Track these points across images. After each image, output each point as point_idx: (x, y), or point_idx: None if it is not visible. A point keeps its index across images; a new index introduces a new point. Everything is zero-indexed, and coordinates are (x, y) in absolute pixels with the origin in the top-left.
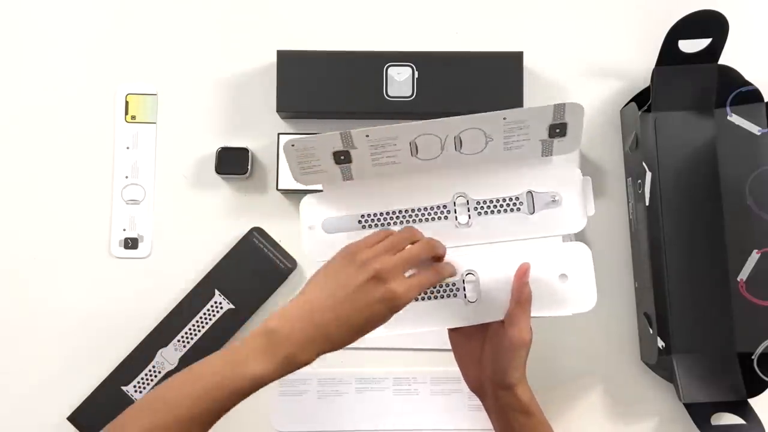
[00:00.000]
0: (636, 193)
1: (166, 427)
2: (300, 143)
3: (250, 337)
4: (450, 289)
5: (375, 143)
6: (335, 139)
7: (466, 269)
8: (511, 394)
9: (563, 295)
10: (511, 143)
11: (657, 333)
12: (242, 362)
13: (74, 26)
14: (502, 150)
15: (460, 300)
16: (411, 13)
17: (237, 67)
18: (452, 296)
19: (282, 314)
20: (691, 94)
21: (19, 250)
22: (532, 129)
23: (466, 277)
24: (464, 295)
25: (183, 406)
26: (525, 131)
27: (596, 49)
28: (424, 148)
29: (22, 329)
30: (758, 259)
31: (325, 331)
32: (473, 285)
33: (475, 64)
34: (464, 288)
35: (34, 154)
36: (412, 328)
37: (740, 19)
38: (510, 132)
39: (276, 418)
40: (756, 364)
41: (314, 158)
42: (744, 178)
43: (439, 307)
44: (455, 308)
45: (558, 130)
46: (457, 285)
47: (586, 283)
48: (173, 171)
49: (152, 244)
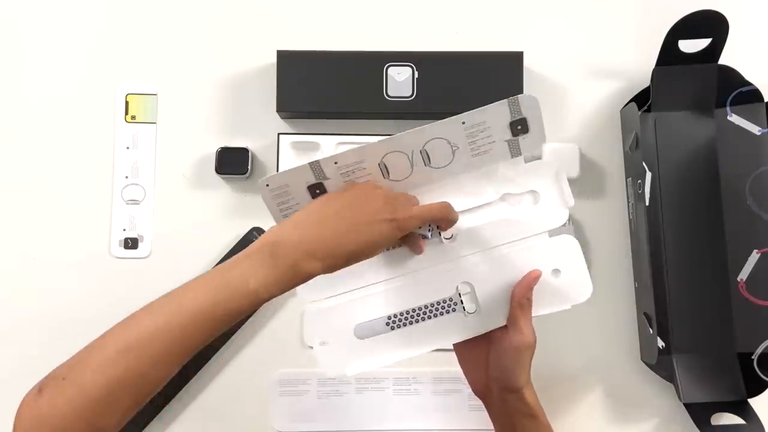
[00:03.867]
0: (636, 193)
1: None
2: (274, 181)
3: (244, 255)
4: (448, 304)
5: (345, 170)
6: (306, 171)
7: (459, 281)
8: (518, 398)
9: (559, 290)
10: (477, 148)
11: (657, 333)
12: (240, 283)
13: (74, 26)
14: (470, 157)
15: (460, 313)
16: (411, 13)
17: (237, 67)
18: (452, 311)
19: (281, 227)
20: (691, 94)
21: (19, 250)
22: (494, 130)
23: (462, 289)
24: (462, 307)
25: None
26: (488, 133)
27: (596, 49)
28: (393, 167)
29: (23, 329)
30: (758, 259)
31: (330, 241)
32: (470, 296)
33: (475, 64)
34: (461, 301)
35: (35, 154)
36: (417, 350)
37: (740, 19)
38: (473, 137)
39: (276, 418)
40: (756, 364)
41: (290, 195)
42: (744, 178)
43: (441, 324)
44: (457, 322)
45: (519, 126)
46: (453, 299)
47: (579, 274)
48: (173, 171)
49: (152, 244)
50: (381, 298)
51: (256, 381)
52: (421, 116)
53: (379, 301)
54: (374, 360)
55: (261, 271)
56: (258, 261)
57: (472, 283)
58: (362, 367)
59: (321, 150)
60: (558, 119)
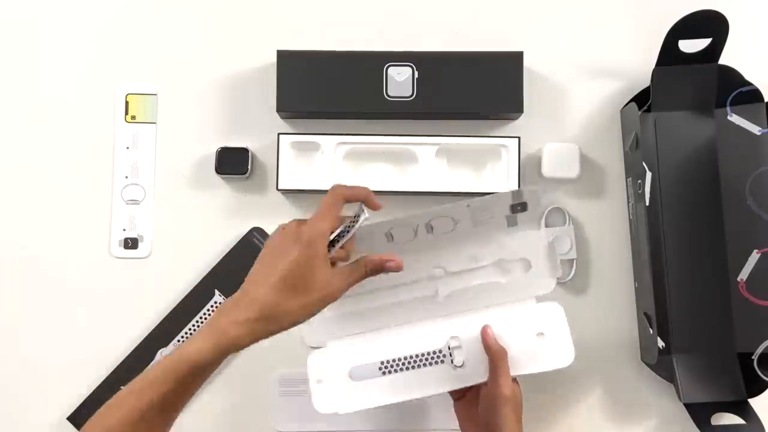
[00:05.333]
0: (636, 193)
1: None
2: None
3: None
4: (438, 356)
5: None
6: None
7: (450, 335)
8: None
9: (542, 353)
10: (478, 222)
11: (657, 333)
12: (187, 355)
13: (74, 26)
14: (471, 227)
15: (449, 365)
16: (411, 13)
17: (237, 67)
18: (440, 362)
19: (223, 304)
20: (691, 94)
21: (20, 250)
22: (495, 210)
23: (452, 343)
24: (451, 360)
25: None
26: (489, 212)
27: (596, 49)
28: (398, 236)
29: (23, 329)
30: (758, 259)
31: (255, 297)
32: (459, 350)
33: (475, 64)
34: (450, 354)
35: (35, 154)
36: (406, 396)
37: (740, 19)
38: (475, 214)
39: (276, 417)
40: (756, 364)
41: None
42: (744, 178)
43: (430, 374)
44: (445, 374)
45: (519, 207)
46: (443, 352)
47: (562, 340)
48: (173, 171)
49: (152, 244)
50: (377, 344)
51: (257, 381)
52: (421, 116)
53: (375, 347)
54: (365, 401)
55: (197, 342)
56: (199, 334)
57: (461, 338)
58: (353, 407)
59: (321, 150)
60: (558, 119)
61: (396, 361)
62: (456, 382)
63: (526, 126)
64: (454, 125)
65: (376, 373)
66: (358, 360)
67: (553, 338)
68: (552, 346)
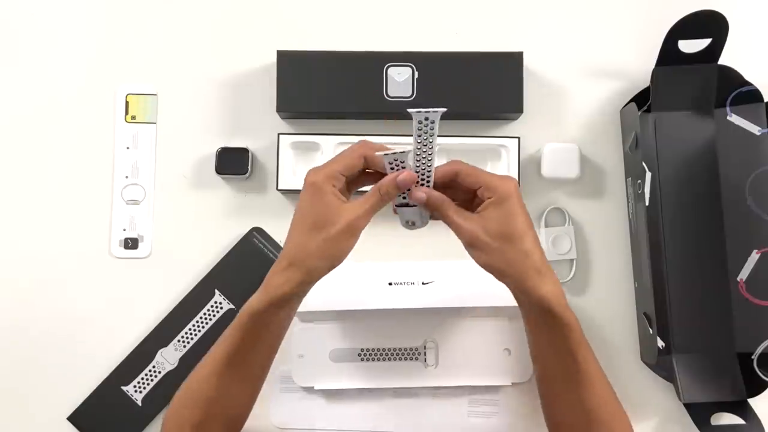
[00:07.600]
0: (636, 193)
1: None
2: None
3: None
4: (413, 353)
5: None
6: None
7: (428, 336)
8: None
9: (506, 367)
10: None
11: (657, 333)
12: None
13: (74, 27)
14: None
15: (421, 363)
16: (411, 13)
17: (237, 67)
18: (414, 359)
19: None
20: (691, 94)
21: (20, 250)
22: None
23: (428, 344)
24: (424, 359)
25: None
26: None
27: (596, 49)
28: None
29: (23, 329)
30: (758, 259)
31: (285, 247)
32: (433, 351)
33: (475, 64)
34: (425, 353)
35: (35, 154)
36: (377, 384)
37: (740, 19)
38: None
39: (276, 414)
40: (756, 364)
41: None
42: (744, 178)
43: (402, 368)
44: (415, 370)
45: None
46: (419, 350)
47: (526, 358)
48: (173, 171)
49: (152, 244)
50: (359, 332)
51: None
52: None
53: (357, 334)
54: (341, 382)
55: (254, 295)
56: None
57: (437, 341)
58: (329, 386)
59: (321, 150)
60: (558, 119)
61: (374, 350)
62: (426, 380)
63: (526, 126)
64: (454, 125)
65: (354, 358)
66: (339, 343)
67: (518, 355)
68: (515, 363)
